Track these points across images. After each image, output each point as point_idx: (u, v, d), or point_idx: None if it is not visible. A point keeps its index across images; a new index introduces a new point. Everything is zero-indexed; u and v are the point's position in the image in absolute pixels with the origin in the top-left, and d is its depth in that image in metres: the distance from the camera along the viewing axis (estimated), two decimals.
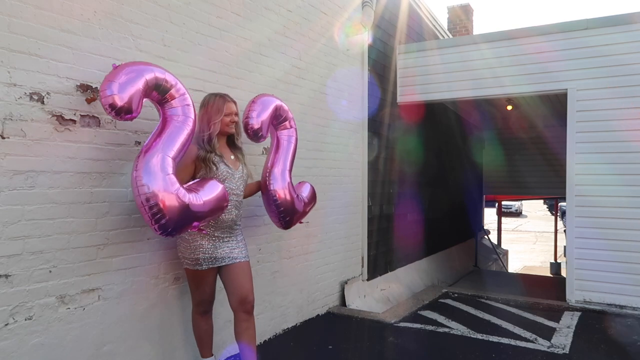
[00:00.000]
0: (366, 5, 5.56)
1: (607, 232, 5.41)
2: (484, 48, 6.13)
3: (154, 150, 2.62)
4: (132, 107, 2.54)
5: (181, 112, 2.77)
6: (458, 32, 11.61)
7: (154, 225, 2.58)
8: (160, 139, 2.68)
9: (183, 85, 2.83)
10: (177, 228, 2.66)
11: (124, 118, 2.57)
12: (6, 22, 2.42)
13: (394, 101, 6.64)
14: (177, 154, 2.71)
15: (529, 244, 22.32)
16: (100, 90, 2.52)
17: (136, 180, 2.56)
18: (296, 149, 3.75)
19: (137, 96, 2.56)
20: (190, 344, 3.45)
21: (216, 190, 2.85)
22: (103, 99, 2.50)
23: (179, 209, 2.60)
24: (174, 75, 2.80)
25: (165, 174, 2.59)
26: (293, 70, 4.64)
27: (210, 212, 2.80)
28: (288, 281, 4.59)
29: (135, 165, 2.60)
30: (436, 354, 4.21)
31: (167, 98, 2.75)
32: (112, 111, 2.50)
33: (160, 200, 2.54)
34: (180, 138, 2.73)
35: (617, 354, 4.17)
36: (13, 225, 2.45)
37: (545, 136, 10.97)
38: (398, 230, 6.79)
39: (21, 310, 2.50)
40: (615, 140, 5.39)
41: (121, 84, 2.50)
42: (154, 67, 2.72)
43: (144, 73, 2.61)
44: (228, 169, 3.08)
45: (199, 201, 2.70)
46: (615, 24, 5.43)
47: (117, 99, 2.48)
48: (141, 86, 2.57)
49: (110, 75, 2.55)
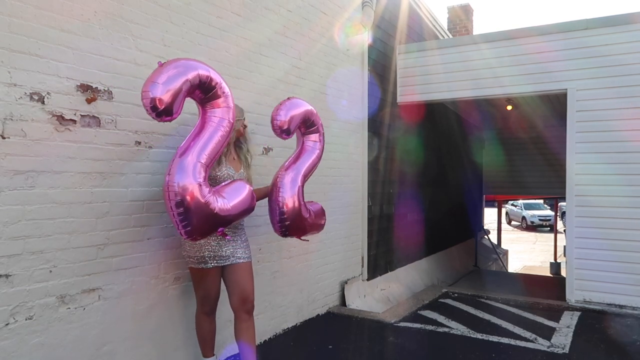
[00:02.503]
0: (366, 5, 5.56)
1: (607, 232, 5.42)
2: (484, 48, 6.13)
3: (188, 156, 2.58)
4: (173, 109, 2.48)
5: (220, 114, 2.71)
6: (458, 32, 11.60)
7: (181, 230, 2.59)
8: (195, 142, 2.63)
9: (227, 85, 2.74)
10: (203, 234, 2.68)
11: (164, 119, 2.51)
12: (6, 22, 2.42)
13: (394, 101, 6.64)
14: (210, 160, 2.66)
15: (529, 244, 22.30)
16: (142, 91, 2.45)
17: (168, 185, 2.53)
18: (318, 161, 3.53)
19: (179, 97, 2.49)
20: (191, 344, 3.45)
21: (243, 193, 2.87)
22: (144, 100, 2.43)
23: (207, 216, 2.61)
24: (219, 74, 2.71)
25: (197, 181, 2.55)
26: (293, 70, 4.64)
27: (237, 215, 2.82)
28: (288, 281, 4.59)
29: (169, 170, 2.57)
30: (436, 354, 4.22)
31: (209, 98, 2.68)
32: (153, 113, 2.45)
33: (189, 207, 2.53)
34: (215, 142, 2.67)
35: (617, 354, 4.17)
36: (13, 225, 2.46)
37: (545, 136, 10.97)
38: (398, 230, 6.79)
39: (21, 310, 2.50)
40: (615, 140, 5.39)
41: (163, 84, 2.43)
42: (199, 64, 2.64)
43: (187, 72, 2.53)
44: (229, 171, 3.14)
45: (227, 206, 2.70)
46: (615, 24, 5.43)
47: (158, 101, 2.41)
48: (183, 86, 2.50)
49: (153, 74, 2.48)
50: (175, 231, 3.25)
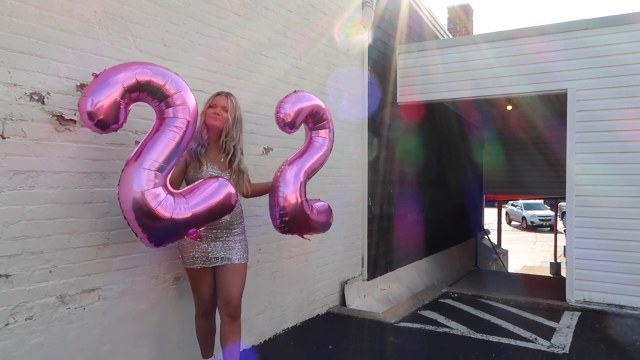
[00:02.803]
0: (366, 5, 5.56)
1: (607, 232, 5.42)
2: (484, 48, 6.13)
3: (136, 163, 2.42)
4: (111, 119, 2.34)
5: (172, 113, 2.49)
6: (458, 32, 11.60)
7: (144, 240, 2.50)
8: (144, 147, 2.45)
9: (179, 83, 2.55)
10: (165, 240, 2.56)
11: (110, 130, 2.40)
12: (6, 22, 2.42)
13: (394, 101, 6.64)
14: (163, 162, 2.45)
15: (529, 244, 22.30)
16: (79, 105, 2.36)
17: (119, 196, 2.42)
18: (325, 159, 3.42)
19: (114, 106, 2.32)
20: (190, 344, 3.45)
21: (213, 192, 2.64)
22: (82, 114, 2.33)
23: (161, 223, 2.44)
24: (165, 73, 2.52)
25: (142, 190, 2.37)
26: (293, 70, 4.64)
27: (205, 216, 2.63)
28: (288, 281, 4.59)
29: (119, 181, 2.45)
30: (436, 354, 4.21)
31: (158, 100, 2.50)
32: (94, 126, 2.33)
33: (138, 217, 2.38)
34: (166, 144, 2.47)
35: (617, 354, 4.17)
36: (13, 225, 2.46)
37: (545, 136, 10.97)
38: (398, 230, 6.79)
39: (21, 310, 2.50)
40: (615, 140, 5.39)
41: (95, 95, 2.29)
42: (136, 67, 2.45)
43: (120, 80, 2.35)
44: (213, 170, 2.96)
45: (185, 212, 2.49)
46: (615, 24, 5.43)
47: (94, 113, 2.28)
48: (118, 94, 2.33)
49: (86, 88, 2.37)
50: None
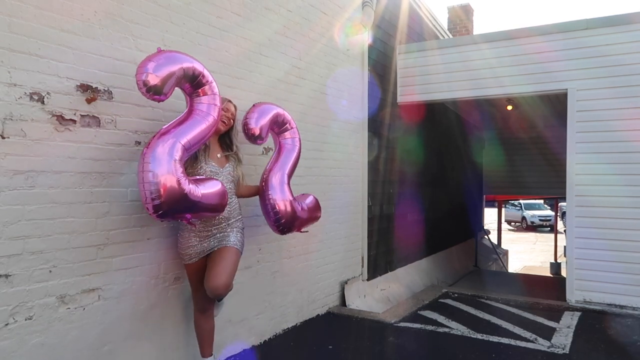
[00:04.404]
0: (366, 5, 5.56)
1: (607, 232, 5.41)
2: (484, 48, 6.13)
3: (168, 135, 2.69)
4: (164, 89, 2.63)
5: (206, 108, 2.88)
6: (458, 32, 11.60)
7: (149, 204, 2.59)
8: (179, 127, 2.76)
9: (216, 85, 2.96)
10: (169, 212, 2.66)
11: (153, 98, 2.63)
12: (6, 22, 2.42)
13: (394, 101, 6.64)
14: (190, 144, 2.76)
15: (529, 244, 22.30)
16: (138, 66, 2.60)
17: (143, 157, 2.60)
18: (299, 156, 3.75)
19: (171, 80, 2.66)
20: (190, 344, 3.45)
21: (215, 188, 2.91)
22: (137, 75, 2.57)
23: (176, 193, 2.62)
24: (211, 74, 2.94)
25: (172, 158, 2.63)
26: (293, 70, 4.64)
27: (206, 207, 2.83)
28: (288, 281, 4.59)
29: (147, 144, 2.66)
30: (436, 354, 4.21)
31: (198, 92, 2.87)
32: (144, 87, 2.57)
33: (160, 180, 2.57)
34: (197, 130, 2.80)
35: (617, 354, 4.17)
36: (13, 225, 2.46)
37: (545, 136, 10.98)
38: (398, 230, 6.79)
39: (21, 310, 2.50)
40: (615, 140, 5.39)
41: (158, 65, 2.60)
42: (194, 59, 2.84)
43: (182, 61, 2.73)
44: (212, 167, 3.14)
45: (197, 192, 2.73)
46: (615, 24, 5.43)
47: (151, 77, 2.56)
48: (176, 72, 2.68)
49: (151, 55, 2.66)
50: (176, 230, 3.26)
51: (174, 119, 3.19)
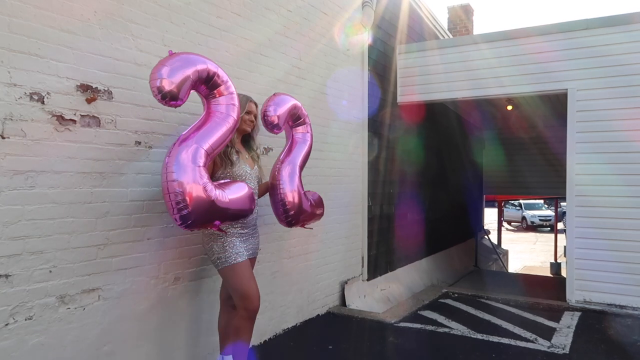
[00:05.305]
0: (366, 5, 5.56)
1: (607, 232, 5.41)
2: (484, 48, 6.13)
3: (189, 141, 2.61)
4: (180, 94, 2.53)
5: (225, 109, 2.79)
6: (458, 32, 11.60)
7: (176, 214, 2.54)
8: (199, 131, 2.67)
9: (232, 83, 2.85)
10: (197, 221, 2.61)
11: (169, 104, 2.54)
12: (6, 22, 2.42)
13: (394, 101, 6.63)
14: (212, 149, 2.69)
15: (529, 244, 22.29)
16: (151, 72, 2.51)
17: (166, 167, 2.53)
18: (310, 150, 3.72)
19: (186, 84, 2.56)
20: (191, 344, 3.45)
21: (243, 192, 2.87)
22: (151, 82, 2.48)
23: (203, 202, 2.58)
24: (226, 73, 2.84)
25: (196, 165, 2.56)
26: (293, 70, 4.64)
27: (234, 212, 2.80)
28: (288, 281, 4.59)
29: (169, 152, 2.59)
30: (436, 354, 4.21)
31: (214, 94, 2.77)
32: (159, 94, 2.48)
33: (186, 189, 2.51)
34: (218, 133, 2.72)
35: (617, 354, 4.17)
36: (13, 225, 2.45)
37: (545, 136, 10.97)
38: (398, 230, 6.79)
39: (21, 310, 2.50)
40: (615, 140, 5.39)
41: (172, 70, 2.50)
42: (207, 59, 2.74)
43: (196, 63, 2.62)
44: (245, 168, 3.13)
45: (224, 199, 2.68)
46: (615, 24, 5.43)
47: (166, 83, 2.47)
48: (191, 75, 2.58)
49: (163, 59, 2.56)
50: (176, 230, 3.26)
51: (174, 119, 3.19)
